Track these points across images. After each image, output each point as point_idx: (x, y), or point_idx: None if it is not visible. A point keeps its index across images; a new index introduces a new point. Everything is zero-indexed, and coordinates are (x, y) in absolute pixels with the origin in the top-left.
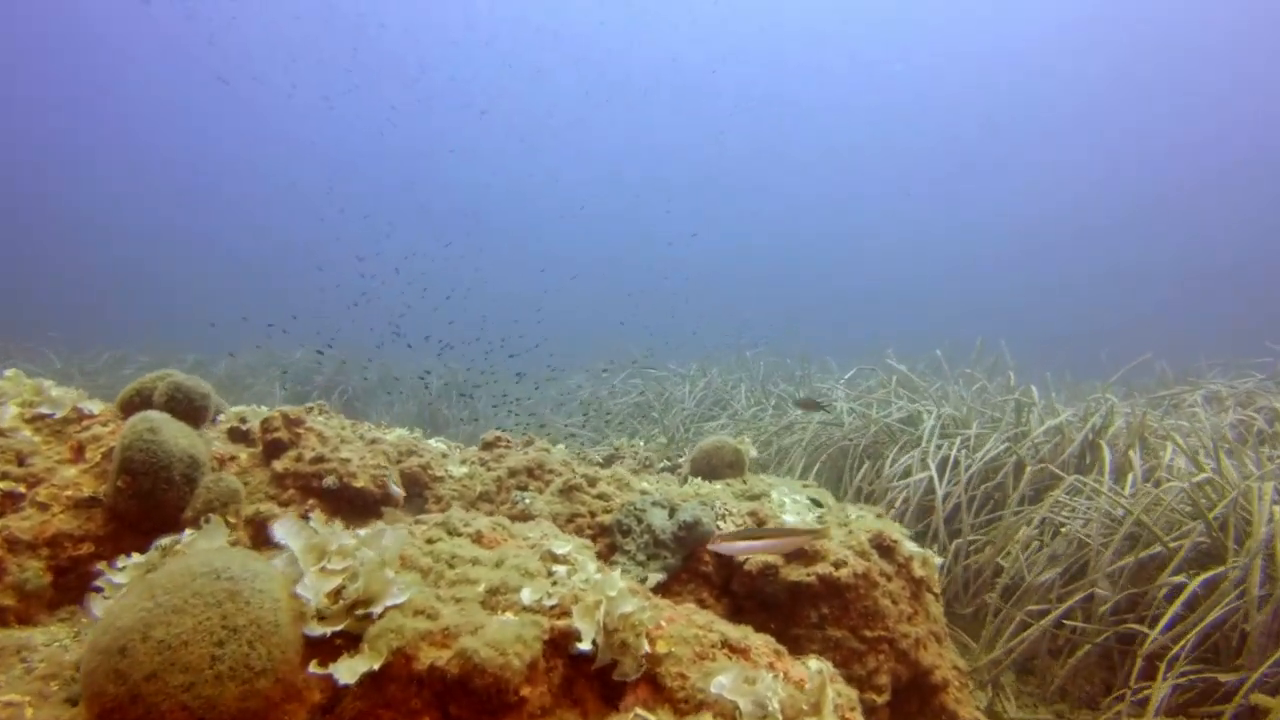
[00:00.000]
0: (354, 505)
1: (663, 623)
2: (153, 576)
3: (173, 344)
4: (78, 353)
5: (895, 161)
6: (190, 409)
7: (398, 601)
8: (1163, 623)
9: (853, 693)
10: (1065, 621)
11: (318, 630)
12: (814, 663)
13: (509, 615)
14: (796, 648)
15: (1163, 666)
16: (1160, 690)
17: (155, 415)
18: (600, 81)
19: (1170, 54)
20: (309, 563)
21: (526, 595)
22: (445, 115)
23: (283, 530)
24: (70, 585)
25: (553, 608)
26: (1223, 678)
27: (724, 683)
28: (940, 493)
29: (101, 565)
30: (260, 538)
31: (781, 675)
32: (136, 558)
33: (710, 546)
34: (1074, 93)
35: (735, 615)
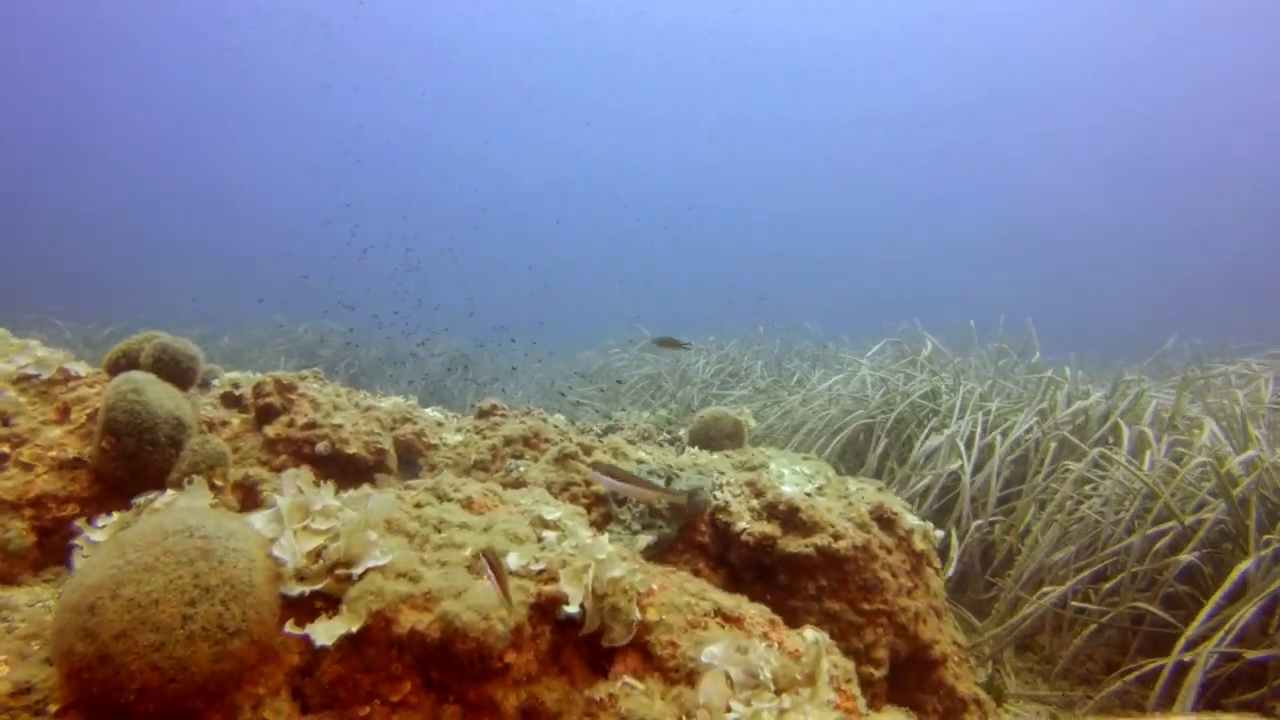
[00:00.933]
0: (346, 472)
1: (654, 588)
2: (124, 534)
3: (179, 319)
4: (84, 324)
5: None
6: (177, 371)
7: (379, 563)
8: (1204, 613)
9: (849, 664)
10: (1085, 605)
11: (296, 590)
12: (810, 633)
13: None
14: (794, 620)
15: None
16: (1193, 676)
17: (139, 376)
18: (604, 54)
19: (1201, 26)
20: (292, 521)
21: (513, 560)
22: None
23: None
24: (55, 546)
25: (540, 573)
26: (1249, 654)
27: (715, 652)
28: (967, 477)
29: (81, 524)
30: (249, 502)
31: (776, 645)
32: (116, 516)
33: (589, 471)
34: (1095, 67)
35: (732, 586)
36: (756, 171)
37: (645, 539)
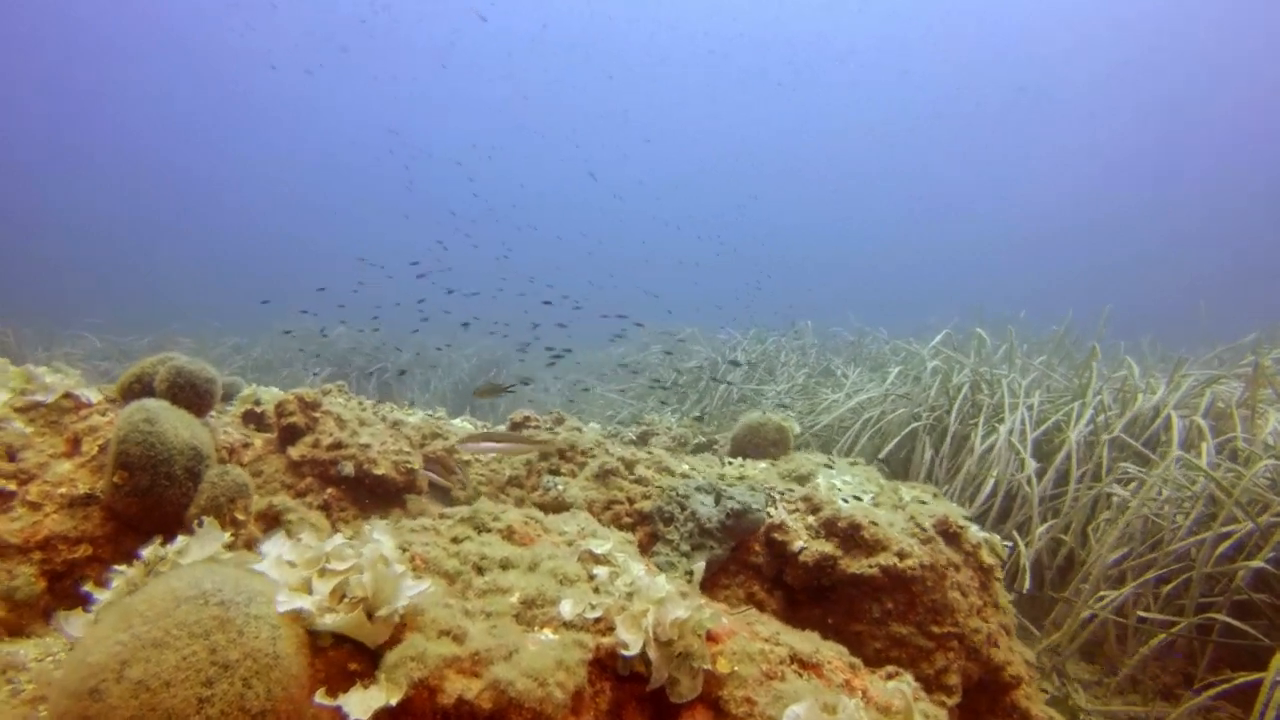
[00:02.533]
0: (374, 493)
1: (723, 628)
2: (130, 601)
3: (213, 328)
4: (121, 337)
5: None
6: (194, 395)
7: (415, 592)
8: None
9: (941, 712)
10: (1147, 614)
11: (321, 628)
12: (895, 682)
13: (547, 633)
14: (857, 645)
15: None
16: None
17: (152, 404)
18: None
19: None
20: (308, 565)
21: (567, 609)
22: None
23: (271, 547)
24: (66, 591)
25: (596, 621)
26: None
27: (799, 713)
28: (1035, 484)
29: (89, 587)
30: (273, 531)
31: (861, 695)
32: (123, 577)
33: (458, 445)
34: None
35: (789, 609)
36: (787, 174)
37: (699, 562)
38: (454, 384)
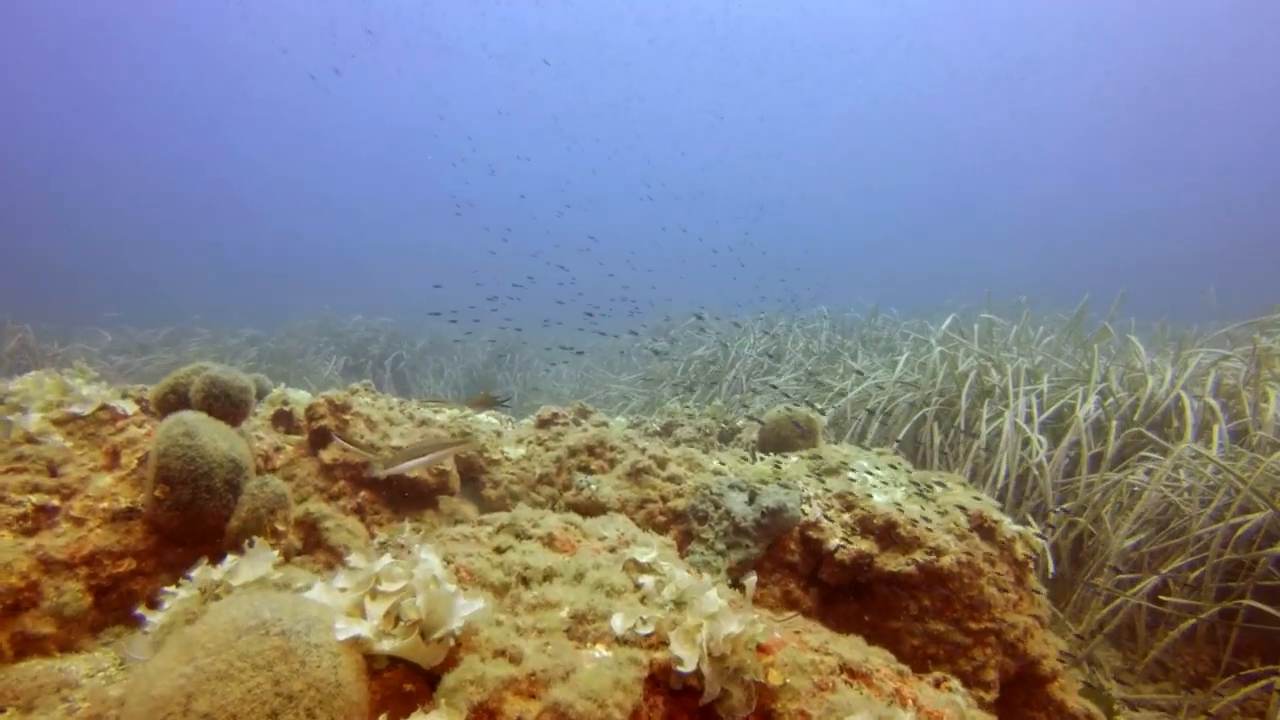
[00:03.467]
0: (407, 496)
1: (771, 645)
2: (192, 632)
3: (230, 319)
4: (140, 329)
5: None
6: (229, 405)
7: (470, 612)
8: None
9: (989, 717)
10: (1172, 599)
11: (379, 652)
12: (947, 693)
13: (600, 649)
14: (895, 642)
15: None
16: None
17: (190, 417)
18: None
19: None
20: (359, 588)
21: (618, 623)
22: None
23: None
24: (112, 605)
25: (648, 636)
26: None
27: None
28: (1046, 470)
29: (142, 609)
30: (311, 539)
31: (913, 705)
32: (179, 592)
33: (373, 473)
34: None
35: (825, 607)
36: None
37: (735, 559)
38: (467, 369)
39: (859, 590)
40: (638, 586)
